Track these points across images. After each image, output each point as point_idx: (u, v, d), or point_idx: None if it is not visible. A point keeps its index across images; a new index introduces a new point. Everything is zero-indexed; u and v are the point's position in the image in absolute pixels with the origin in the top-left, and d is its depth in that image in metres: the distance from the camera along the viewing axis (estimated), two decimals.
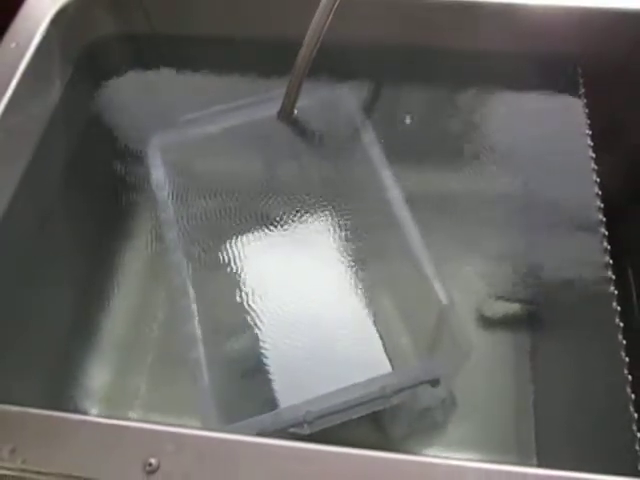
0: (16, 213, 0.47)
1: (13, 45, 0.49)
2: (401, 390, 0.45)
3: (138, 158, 0.56)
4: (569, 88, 0.53)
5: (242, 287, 0.53)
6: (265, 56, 0.57)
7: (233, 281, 0.53)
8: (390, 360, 0.50)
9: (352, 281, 0.54)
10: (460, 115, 0.60)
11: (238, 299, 0.52)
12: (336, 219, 0.57)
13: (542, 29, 0.52)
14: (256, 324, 0.52)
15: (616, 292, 0.42)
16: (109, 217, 0.63)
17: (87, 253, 0.59)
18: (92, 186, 0.60)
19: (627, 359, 0.40)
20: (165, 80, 0.60)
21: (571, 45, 0.52)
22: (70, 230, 0.57)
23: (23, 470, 0.33)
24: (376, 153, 0.54)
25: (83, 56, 0.56)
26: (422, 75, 0.58)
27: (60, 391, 0.53)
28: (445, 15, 0.52)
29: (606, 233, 0.44)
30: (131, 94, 0.60)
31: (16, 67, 0.48)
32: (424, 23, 0.53)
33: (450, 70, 0.56)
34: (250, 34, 0.55)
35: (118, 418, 0.35)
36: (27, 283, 0.50)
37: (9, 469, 0.34)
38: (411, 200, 0.51)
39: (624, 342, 0.40)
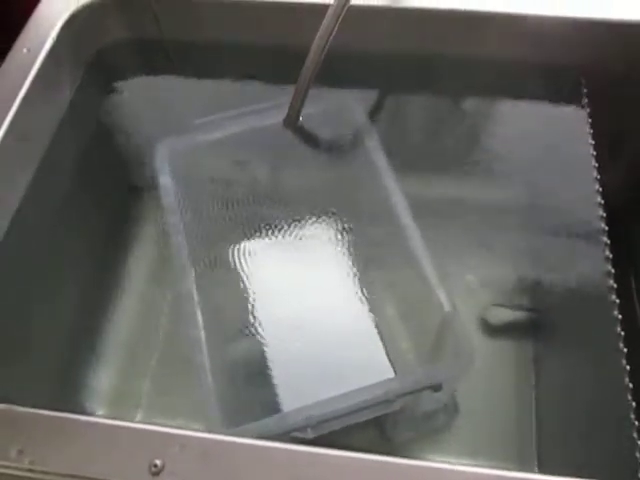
0: (25, 216, 0.48)
1: (25, 50, 0.50)
2: (404, 395, 0.45)
3: (146, 163, 0.56)
4: (573, 98, 0.53)
5: (247, 292, 0.53)
6: (272, 63, 0.57)
7: (238, 286, 0.54)
8: (393, 365, 0.51)
9: (356, 287, 0.54)
10: (464, 123, 0.60)
11: (243, 304, 0.53)
12: (340, 225, 0.57)
13: (546, 40, 0.52)
14: (260, 329, 0.52)
15: (618, 300, 0.42)
16: (116, 221, 0.64)
17: (94, 256, 0.60)
18: (100, 190, 0.60)
19: (628, 367, 0.40)
20: (173, 86, 0.60)
21: (575, 55, 0.53)
22: (77, 233, 0.57)
23: (30, 470, 0.34)
24: (380, 160, 0.54)
25: (93, 61, 0.56)
26: (426, 83, 0.58)
27: (65, 394, 0.53)
28: (450, 24, 0.52)
29: (608, 242, 0.45)
30: (140, 99, 0.61)
31: (27, 72, 0.48)
32: (429, 32, 0.53)
33: (455, 79, 0.56)
34: (258, 41, 0.56)
35: (124, 419, 0.35)
36: (34, 285, 0.50)
37: (17, 469, 0.34)
38: (415, 207, 0.52)
39: (625, 350, 0.41)
